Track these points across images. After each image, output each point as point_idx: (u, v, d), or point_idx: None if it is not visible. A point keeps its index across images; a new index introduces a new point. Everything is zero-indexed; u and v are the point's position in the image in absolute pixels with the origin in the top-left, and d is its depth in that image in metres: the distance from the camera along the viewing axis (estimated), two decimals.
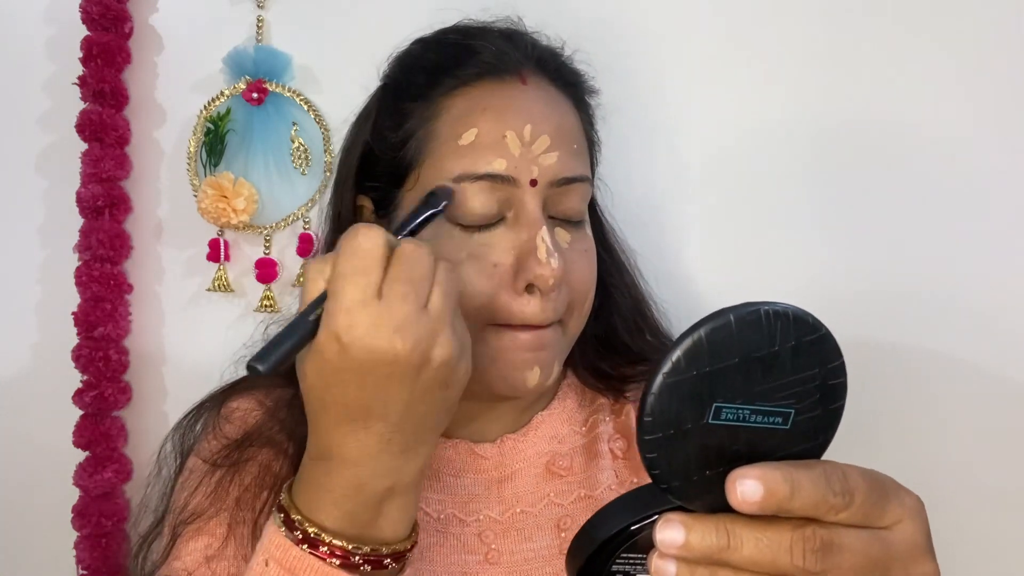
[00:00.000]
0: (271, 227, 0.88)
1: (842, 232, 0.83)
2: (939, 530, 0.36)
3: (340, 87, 0.88)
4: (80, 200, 0.86)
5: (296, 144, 0.87)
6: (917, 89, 0.82)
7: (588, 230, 0.61)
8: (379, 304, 0.43)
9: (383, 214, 0.60)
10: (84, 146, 0.86)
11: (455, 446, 0.64)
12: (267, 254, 0.89)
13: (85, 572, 0.87)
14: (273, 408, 0.63)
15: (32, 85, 0.90)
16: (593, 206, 0.67)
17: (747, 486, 0.28)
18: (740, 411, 0.29)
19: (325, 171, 0.87)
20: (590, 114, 0.65)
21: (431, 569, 0.60)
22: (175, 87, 0.89)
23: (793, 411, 0.30)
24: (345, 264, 0.43)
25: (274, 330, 0.76)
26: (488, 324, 0.55)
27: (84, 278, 0.86)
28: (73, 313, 0.86)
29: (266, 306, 0.88)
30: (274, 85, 0.87)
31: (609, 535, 0.34)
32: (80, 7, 0.85)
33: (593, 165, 0.65)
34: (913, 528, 0.32)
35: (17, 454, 0.92)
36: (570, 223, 0.58)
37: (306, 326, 0.44)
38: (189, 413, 0.68)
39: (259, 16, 0.88)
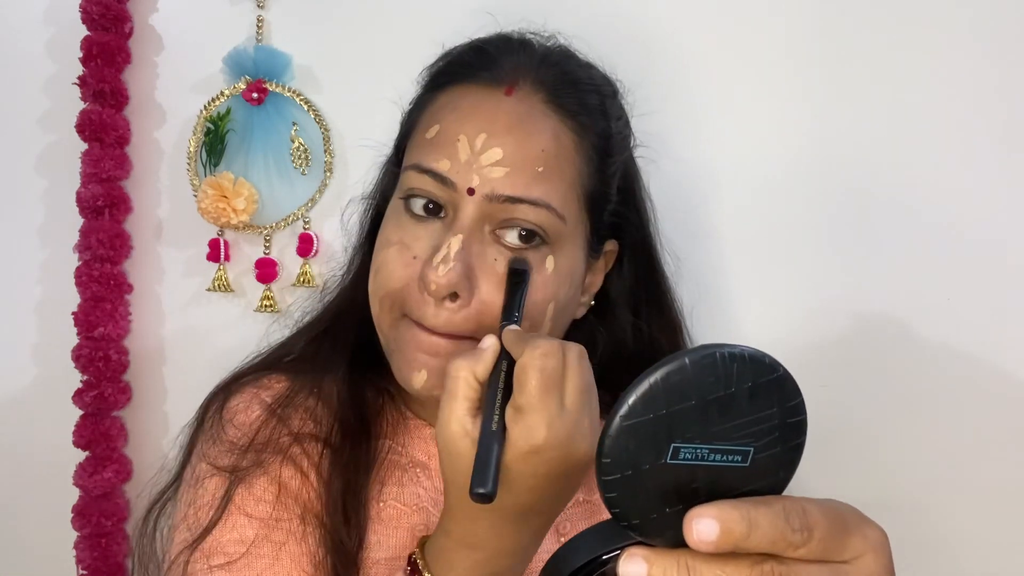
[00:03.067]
0: (271, 227, 0.88)
1: (853, 254, 0.84)
2: (945, 533, 0.36)
3: (340, 87, 0.88)
4: (80, 200, 0.86)
5: (296, 144, 0.87)
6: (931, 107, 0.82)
7: (557, 257, 0.57)
8: (567, 414, 0.46)
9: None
10: (84, 146, 0.86)
11: None
12: (267, 254, 0.89)
13: (85, 572, 0.87)
14: (274, 407, 0.63)
15: (32, 85, 0.90)
16: (625, 238, 0.66)
17: (703, 525, 0.29)
18: (698, 450, 0.30)
19: (325, 171, 0.87)
20: (601, 153, 0.61)
21: None
22: (175, 87, 0.89)
23: (752, 449, 0.30)
24: (542, 380, 0.46)
25: (275, 329, 0.77)
26: (403, 314, 0.57)
27: (84, 278, 0.86)
28: (73, 313, 0.86)
29: (266, 306, 0.88)
30: (274, 85, 0.87)
31: (576, 567, 0.34)
32: (80, 7, 0.85)
33: (598, 206, 0.61)
34: (875, 561, 0.32)
35: (17, 454, 0.92)
36: (521, 243, 0.56)
37: (499, 434, 0.46)
38: (198, 412, 0.67)
39: (259, 16, 0.88)
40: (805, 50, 0.83)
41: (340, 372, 0.64)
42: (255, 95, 0.86)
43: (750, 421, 0.30)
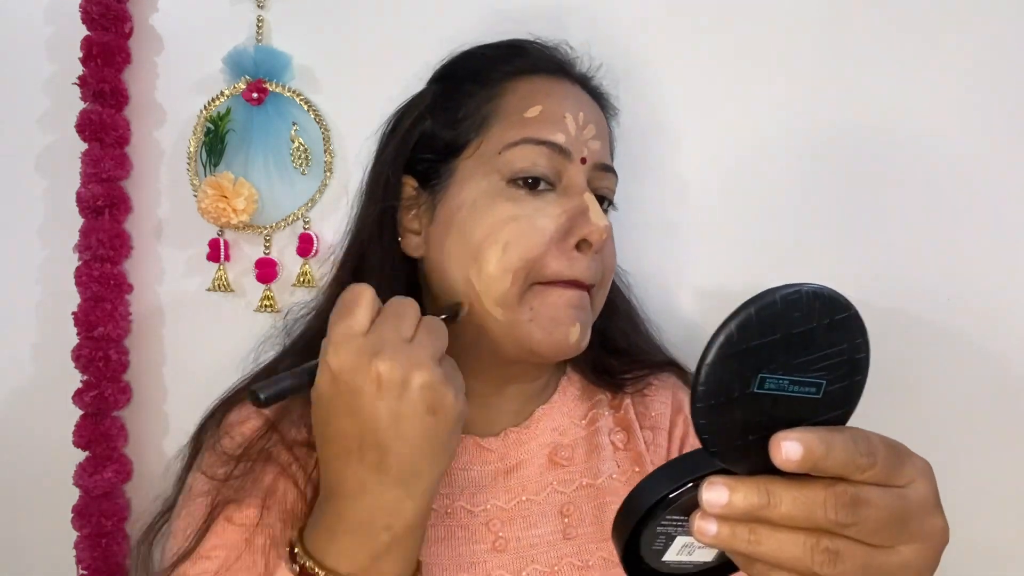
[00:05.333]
0: (271, 227, 0.88)
1: (843, 239, 0.84)
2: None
3: (340, 87, 0.88)
4: (80, 200, 0.86)
5: (296, 144, 0.87)
6: (922, 94, 0.82)
7: None
8: (364, 336, 0.49)
9: (431, 186, 0.65)
10: (84, 146, 0.86)
11: (463, 441, 0.66)
12: (267, 254, 0.89)
13: (85, 572, 0.87)
14: (272, 419, 0.63)
15: (32, 85, 0.90)
16: None
17: (789, 446, 0.32)
18: (780, 381, 0.33)
19: (325, 171, 0.87)
20: (613, 134, 0.73)
21: (440, 563, 0.62)
22: (175, 87, 0.89)
23: (825, 382, 0.33)
24: (335, 313, 0.50)
25: (270, 334, 0.77)
26: (533, 283, 0.60)
27: (84, 278, 0.86)
28: (73, 313, 0.86)
29: (266, 306, 0.88)
30: (274, 85, 0.87)
31: (658, 498, 0.37)
32: (80, 7, 0.85)
33: None
34: (925, 487, 0.36)
35: (17, 454, 0.92)
36: (603, 207, 0.66)
37: (309, 370, 0.50)
38: (201, 423, 0.69)
39: (259, 16, 0.88)
40: (802, 43, 0.83)
41: None
42: (255, 95, 0.86)
43: (825, 355, 0.33)
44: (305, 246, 0.87)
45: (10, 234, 0.91)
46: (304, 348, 0.70)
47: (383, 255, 0.66)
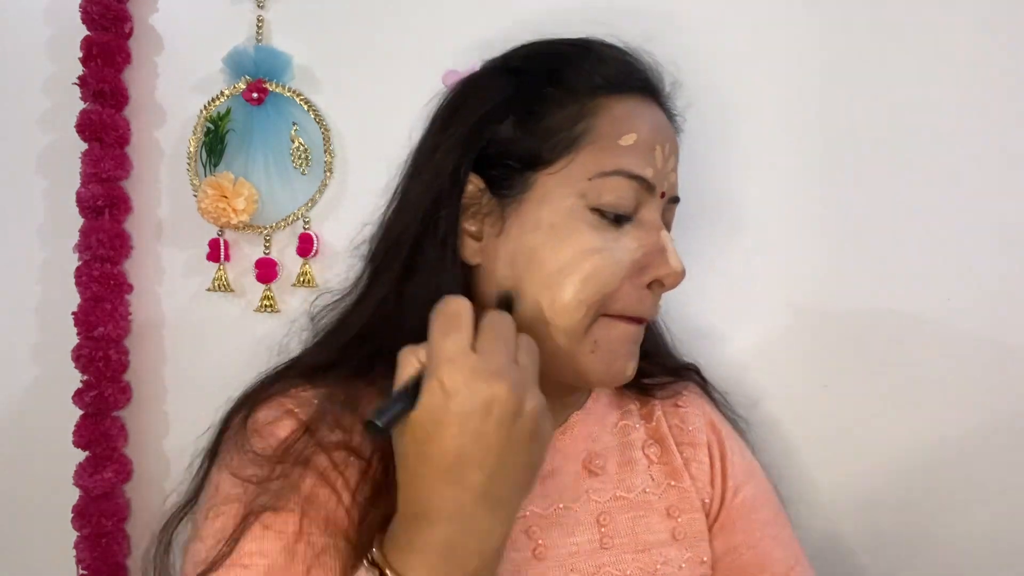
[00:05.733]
0: (271, 227, 0.88)
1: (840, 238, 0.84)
2: (949, 532, 0.36)
3: (340, 87, 0.88)
4: (80, 200, 0.86)
5: (296, 144, 0.87)
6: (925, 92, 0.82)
7: None
8: (476, 355, 0.47)
9: (503, 193, 0.60)
10: (84, 146, 0.86)
11: None
12: (267, 254, 0.89)
13: (85, 572, 0.87)
14: (306, 419, 0.59)
15: (32, 85, 0.90)
16: None
17: None
18: None
19: (325, 171, 0.87)
20: None
21: None
22: (175, 87, 0.89)
23: None
24: (440, 326, 0.48)
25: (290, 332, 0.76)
26: (601, 315, 0.59)
27: (84, 278, 0.86)
28: (73, 313, 0.86)
29: (266, 306, 0.88)
30: (274, 85, 0.87)
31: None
32: (80, 7, 0.85)
33: None
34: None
35: (17, 454, 0.92)
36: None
37: (414, 391, 0.48)
38: (225, 417, 0.63)
39: (259, 16, 0.88)
40: (810, 47, 0.83)
41: (381, 383, 0.59)
42: (255, 95, 0.86)
43: None
44: (305, 246, 0.87)
45: (10, 234, 0.91)
46: (336, 343, 0.65)
47: (439, 254, 0.60)
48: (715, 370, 0.80)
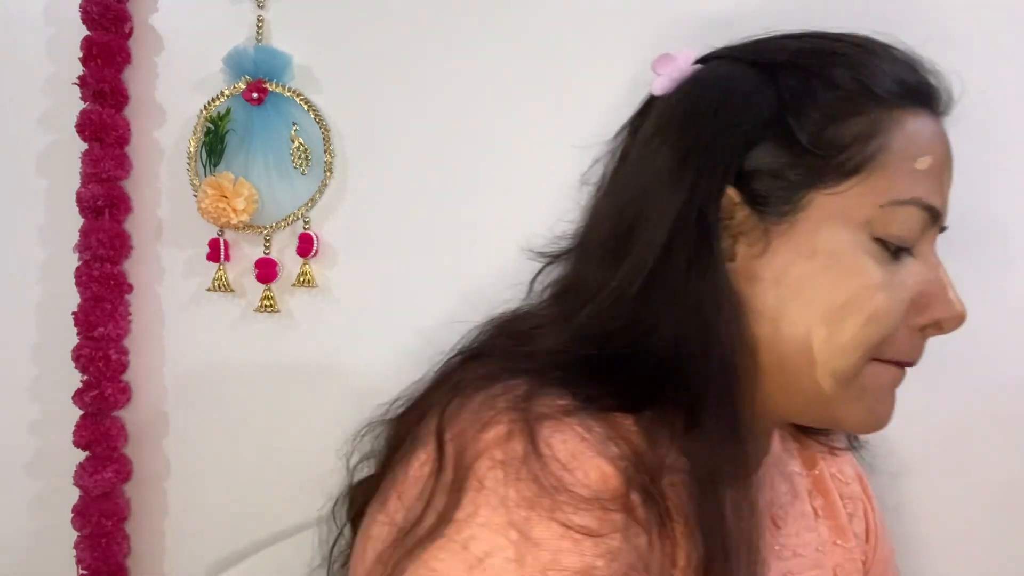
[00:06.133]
0: (271, 227, 0.88)
1: None
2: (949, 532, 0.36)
3: (340, 87, 0.88)
4: (80, 200, 0.86)
5: (296, 144, 0.87)
6: None
7: None
8: None
9: (768, 210, 0.52)
10: (84, 146, 0.86)
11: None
12: (267, 254, 0.89)
13: (85, 572, 0.87)
14: (626, 467, 0.45)
15: (32, 85, 0.90)
16: None
17: None
18: None
19: (325, 171, 0.87)
20: None
21: None
22: (175, 87, 0.89)
23: None
24: None
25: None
26: (872, 360, 0.52)
27: (84, 278, 0.86)
28: (73, 313, 0.86)
29: (266, 306, 0.88)
30: (274, 85, 0.87)
31: None
32: (80, 7, 0.85)
33: None
34: None
35: (17, 454, 0.92)
36: None
37: None
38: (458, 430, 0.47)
39: (259, 16, 0.88)
40: None
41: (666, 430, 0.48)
42: (255, 95, 0.86)
43: None
44: (305, 246, 0.87)
45: (10, 234, 0.91)
46: (573, 338, 0.53)
47: (696, 279, 0.50)
48: None
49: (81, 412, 0.87)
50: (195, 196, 0.87)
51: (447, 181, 0.86)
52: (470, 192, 0.86)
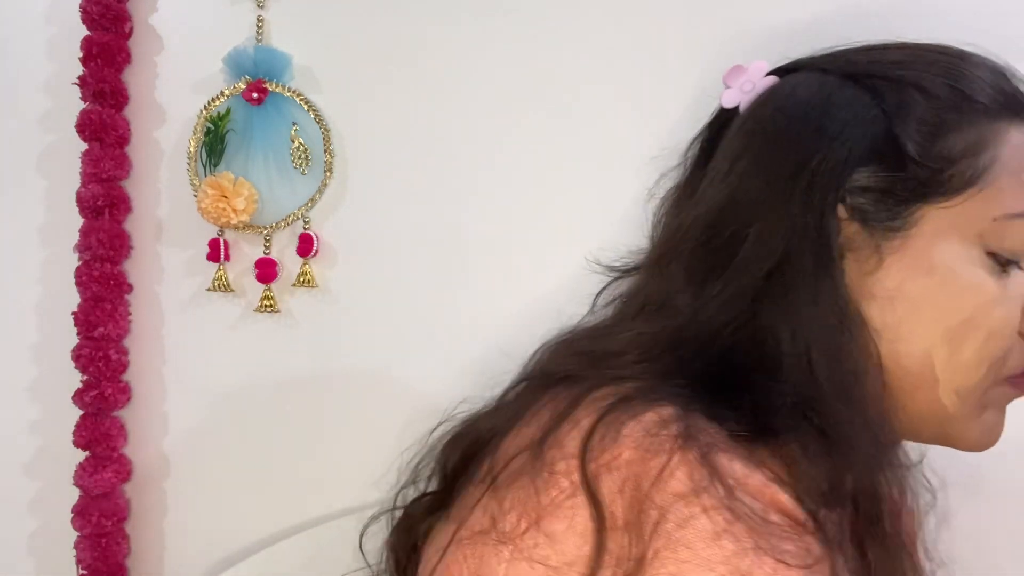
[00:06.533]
0: (271, 227, 0.88)
1: None
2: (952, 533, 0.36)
3: (340, 87, 0.88)
4: (80, 200, 0.86)
5: (296, 144, 0.87)
6: None
7: None
8: None
9: (879, 226, 0.51)
10: (84, 146, 0.86)
11: None
12: (267, 254, 0.89)
13: (85, 572, 0.87)
14: (798, 495, 0.44)
15: (32, 85, 0.90)
16: None
17: None
18: None
19: (325, 171, 0.87)
20: None
21: None
22: (175, 87, 0.89)
23: None
24: None
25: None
26: (1000, 381, 0.52)
27: (84, 278, 0.86)
28: (73, 313, 0.86)
29: (266, 306, 0.88)
30: (274, 85, 0.87)
31: None
32: (80, 7, 0.85)
33: None
34: None
35: (17, 454, 0.92)
36: None
37: None
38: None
39: (259, 16, 0.88)
40: None
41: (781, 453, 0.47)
42: (255, 95, 0.86)
43: None
44: (305, 246, 0.87)
45: (10, 234, 0.91)
46: (676, 359, 0.51)
47: (816, 296, 0.49)
48: None
49: (81, 412, 0.87)
50: (195, 196, 0.87)
51: (447, 181, 0.86)
52: (470, 192, 0.86)
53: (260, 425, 0.89)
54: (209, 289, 0.89)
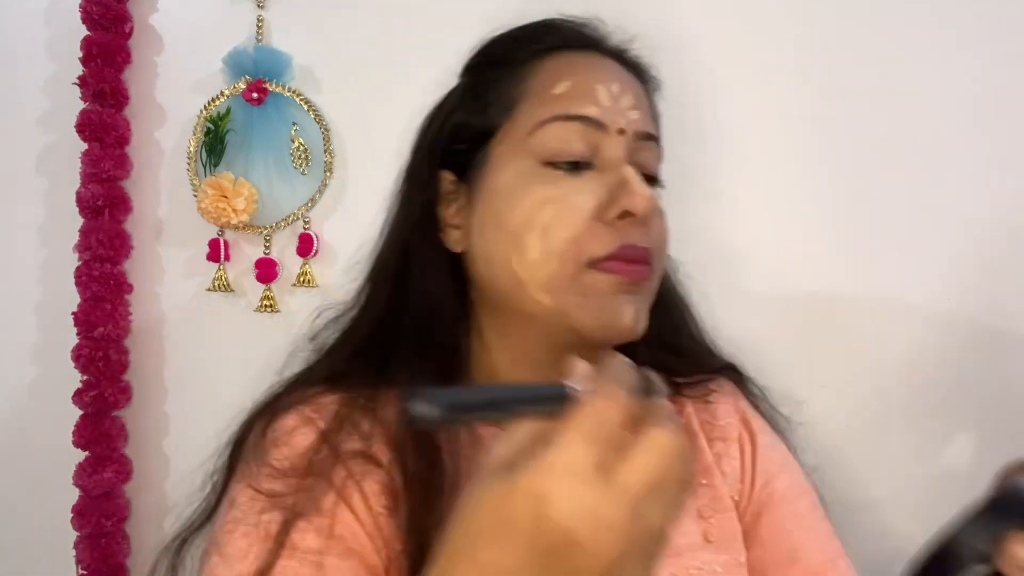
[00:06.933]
0: (271, 227, 0.88)
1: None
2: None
3: (340, 87, 0.88)
4: (80, 200, 0.86)
5: (296, 144, 0.87)
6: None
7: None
8: (609, 488, 0.32)
9: (468, 177, 0.62)
10: (84, 146, 0.86)
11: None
12: (267, 254, 0.89)
13: (85, 572, 0.87)
14: (326, 429, 0.57)
15: (32, 85, 0.90)
16: None
17: None
18: None
19: (325, 171, 0.87)
20: (655, 105, 0.68)
21: None
22: (175, 87, 0.89)
23: None
24: (586, 418, 0.33)
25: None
26: (586, 267, 0.56)
27: (84, 278, 0.86)
28: (73, 313, 0.86)
29: (266, 306, 0.88)
30: (274, 85, 0.87)
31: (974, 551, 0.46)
32: (80, 7, 0.85)
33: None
34: None
35: (17, 454, 0.92)
36: (648, 182, 0.60)
37: (555, 398, 0.34)
38: (241, 429, 0.61)
39: (259, 16, 0.88)
40: (812, 48, 0.84)
41: (400, 383, 0.59)
42: (255, 95, 0.86)
43: None
44: (305, 246, 0.87)
45: (10, 234, 0.91)
46: (344, 353, 0.64)
47: (426, 252, 0.62)
48: None
49: (81, 412, 0.87)
50: (195, 196, 0.87)
51: None
52: None
53: None
54: (209, 289, 0.89)
